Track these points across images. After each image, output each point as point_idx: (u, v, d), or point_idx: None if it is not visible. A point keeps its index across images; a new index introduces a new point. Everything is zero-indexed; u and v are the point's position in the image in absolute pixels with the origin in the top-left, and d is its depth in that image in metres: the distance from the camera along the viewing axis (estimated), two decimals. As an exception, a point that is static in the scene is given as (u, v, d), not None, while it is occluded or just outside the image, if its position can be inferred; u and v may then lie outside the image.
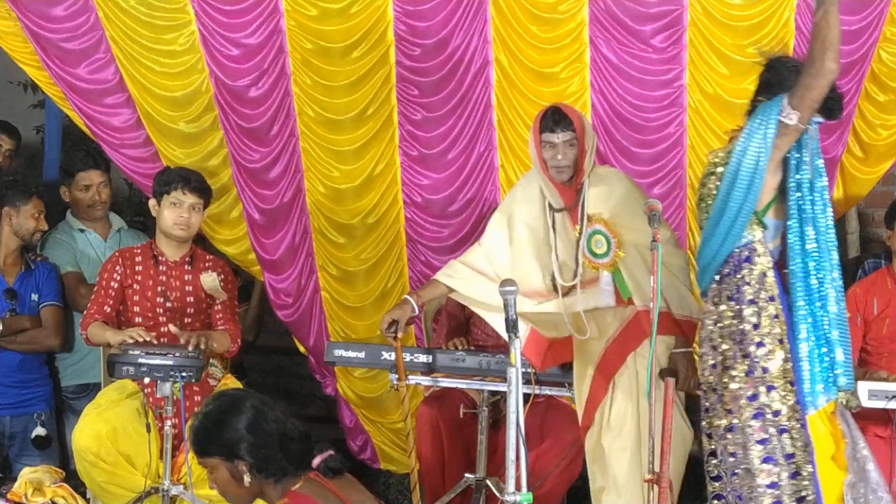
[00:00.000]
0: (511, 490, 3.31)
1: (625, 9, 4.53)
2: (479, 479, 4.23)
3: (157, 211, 4.53)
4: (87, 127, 5.03)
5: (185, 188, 4.48)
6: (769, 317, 3.49)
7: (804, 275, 3.45)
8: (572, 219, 4.03)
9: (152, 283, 4.50)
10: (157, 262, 4.53)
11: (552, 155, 3.96)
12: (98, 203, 5.16)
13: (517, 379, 3.29)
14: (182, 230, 4.50)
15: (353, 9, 4.68)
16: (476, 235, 4.99)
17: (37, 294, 4.96)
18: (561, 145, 3.95)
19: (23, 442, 4.94)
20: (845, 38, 4.38)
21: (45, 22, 4.82)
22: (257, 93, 4.85)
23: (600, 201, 4.00)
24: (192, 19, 4.77)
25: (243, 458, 2.96)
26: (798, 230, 3.46)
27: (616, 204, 4.00)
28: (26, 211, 4.95)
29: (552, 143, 3.95)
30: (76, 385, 5.09)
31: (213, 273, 4.57)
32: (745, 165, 3.45)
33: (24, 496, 4.31)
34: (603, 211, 4.00)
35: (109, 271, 4.51)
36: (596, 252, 4.00)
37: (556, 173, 3.98)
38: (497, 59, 4.75)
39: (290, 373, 6.17)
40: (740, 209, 3.48)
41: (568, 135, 3.93)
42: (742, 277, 3.53)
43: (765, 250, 3.52)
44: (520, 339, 3.32)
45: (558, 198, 4.03)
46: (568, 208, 4.02)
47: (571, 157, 3.96)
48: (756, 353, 3.49)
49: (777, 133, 3.41)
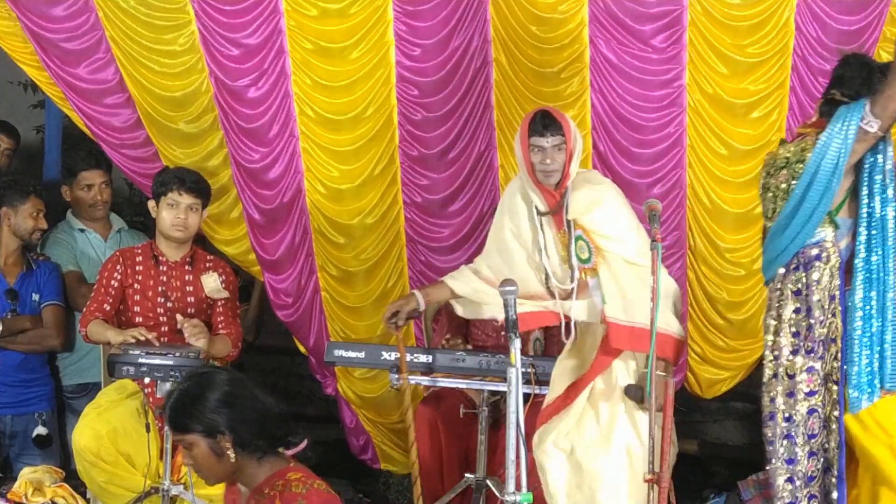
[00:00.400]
0: (511, 490, 3.31)
1: (625, 9, 4.53)
2: (479, 479, 4.23)
3: (156, 212, 4.54)
4: (87, 127, 5.03)
5: (182, 189, 4.48)
6: (829, 314, 3.54)
7: (867, 276, 3.52)
8: (557, 223, 4.00)
9: (153, 284, 4.50)
10: (158, 262, 4.53)
11: (541, 159, 3.91)
12: (99, 203, 5.17)
13: (517, 379, 3.30)
14: (179, 231, 4.50)
15: (353, 9, 4.68)
16: (476, 235, 5.00)
17: (38, 294, 4.96)
18: (550, 149, 3.91)
19: (23, 441, 4.94)
20: (845, 38, 4.41)
21: (45, 22, 4.82)
22: (257, 93, 4.85)
23: (580, 207, 3.95)
24: (192, 19, 4.77)
25: (224, 434, 2.96)
26: (866, 232, 3.53)
27: (595, 211, 3.94)
28: (24, 210, 4.96)
29: (541, 147, 3.91)
30: (76, 384, 5.10)
31: (213, 273, 4.57)
32: (824, 168, 3.50)
33: (24, 496, 4.31)
34: (581, 217, 3.94)
35: (110, 270, 4.51)
36: (581, 257, 3.97)
37: (544, 177, 3.93)
38: (497, 59, 4.75)
39: (290, 373, 6.17)
40: (815, 209, 3.54)
41: (557, 139, 3.90)
42: (808, 274, 3.58)
43: (834, 249, 3.58)
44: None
45: (543, 201, 3.99)
46: (552, 212, 3.99)
47: (560, 161, 3.91)
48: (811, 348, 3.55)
49: (856, 138, 3.47)
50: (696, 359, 5.00)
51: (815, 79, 4.49)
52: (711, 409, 5.87)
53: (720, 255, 4.81)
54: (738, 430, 5.86)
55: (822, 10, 4.40)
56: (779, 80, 4.54)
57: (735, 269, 4.82)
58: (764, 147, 4.62)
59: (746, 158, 4.66)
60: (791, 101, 4.56)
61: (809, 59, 4.47)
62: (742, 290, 4.84)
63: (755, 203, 4.71)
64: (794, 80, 4.53)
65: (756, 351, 4.95)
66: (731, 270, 4.82)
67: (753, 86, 4.56)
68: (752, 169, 4.66)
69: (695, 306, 4.93)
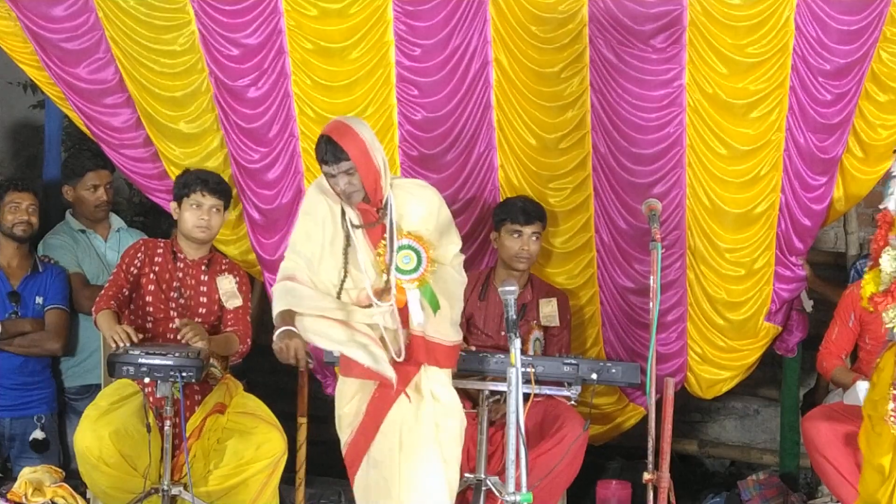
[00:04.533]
0: (511, 490, 3.31)
1: (625, 9, 4.53)
2: (479, 479, 4.23)
3: (178, 213, 4.55)
4: (87, 127, 5.03)
5: (205, 190, 4.50)
6: None
7: None
8: (372, 237, 3.88)
9: (168, 277, 4.52)
10: (176, 258, 4.55)
11: (335, 183, 3.81)
12: (103, 204, 5.17)
13: (517, 379, 3.30)
14: (203, 232, 4.52)
15: (353, 9, 4.68)
16: (476, 235, 5.00)
17: (42, 297, 4.95)
18: (339, 175, 3.79)
19: (22, 444, 4.94)
20: (845, 38, 4.40)
21: (45, 22, 4.82)
22: (257, 93, 4.85)
23: (408, 214, 3.89)
24: (192, 19, 4.77)
25: None
26: None
27: (420, 218, 3.90)
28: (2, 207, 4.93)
29: (332, 175, 3.80)
30: (79, 386, 5.09)
31: (229, 276, 4.61)
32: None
33: (24, 496, 4.32)
34: (410, 224, 3.89)
35: (131, 256, 4.54)
36: (403, 269, 3.85)
37: (346, 199, 3.83)
38: (497, 59, 4.75)
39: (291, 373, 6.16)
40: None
41: (344, 164, 3.77)
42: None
43: None
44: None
45: (358, 216, 3.87)
46: (368, 225, 3.88)
47: (357, 183, 3.79)
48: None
49: None
50: (696, 359, 5.00)
51: (815, 79, 4.48)
52: (711, 409, 5.87)
53: (720, 255, 4.81)
54: (738, 430, 5.86)
55: (822, 9, 4.39)
56: (778, 79, 4.53)
57: (735, 269, 4.82)
58: (763, 147, 4.62)
59: (746, 158, 4.66)
60: (791, 101, 4.55)
61: (809, 58, 4.46)
62: (742, 290, 4.83)
63: (755, 203, 4.73)
64: (794, 79, 4.52)
65: (756, 351, 4.96)
66: (730, 270, 4.82)
67: (753, 85, 4.55)
68: (751, 169, 4.67)
69: (695, 306, 4.93)
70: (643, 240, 4.54)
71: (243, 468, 4.25)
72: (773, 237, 4.76)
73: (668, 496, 3.42)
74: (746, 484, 4.99)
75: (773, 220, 4.74)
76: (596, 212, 4.91)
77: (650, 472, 3.45)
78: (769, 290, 4.83)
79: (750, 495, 4.94)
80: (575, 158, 4.83)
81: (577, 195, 4.89)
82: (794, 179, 4.66)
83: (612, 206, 4.83)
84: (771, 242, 4.77)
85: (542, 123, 4.78)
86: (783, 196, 4.70)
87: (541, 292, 4.80)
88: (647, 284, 3.90)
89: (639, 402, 5.10)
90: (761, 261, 4.79)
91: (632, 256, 4.88)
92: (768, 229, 4.75)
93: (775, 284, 4.81)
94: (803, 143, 4.59)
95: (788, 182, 4.68)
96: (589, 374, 4.23)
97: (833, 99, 4.49)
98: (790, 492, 4.92)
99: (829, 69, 4.45)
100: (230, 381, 4.52)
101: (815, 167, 4.63)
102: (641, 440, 3.92)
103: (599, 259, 4.98)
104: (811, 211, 4.67)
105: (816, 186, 4.65)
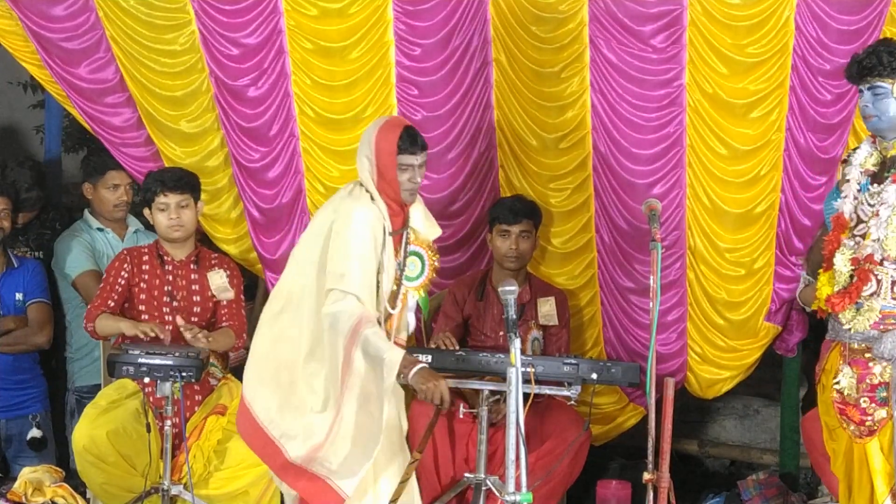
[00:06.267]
0: (511, 490, 3.31)
1: (625, 9, 4.53)
2: (479, 479, 4.23)
3: (152, 218, 4.54)
4: (89, 126, 5.04)
5: (165, 190, 4.48)
6: None
7: None
8: (395, 243, 3.95)
9: (159, 283, 4.51)
10: (163, 262, 4.54)
11: (409, 177, 3.88)
12: (123, 203, 5.17)
13: (517, 379, 3.30)
14: (177, 231, 4.50)
15: (353, 9, 4.68)
16: (476, 235, 5.00)
17: (21, 293, 4.94)
18: (416, 168, 3.88)
19: (19, 444, 4.95)
20: (845, 38, 4.40)
21: (46, 21, 4.83)
22: (257, 93, 4.86)
23: (419, 221, 4.02)
24: (192, 19, 4.78)
25: None
26: None
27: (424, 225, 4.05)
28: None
29: (410, 165, 3.87)
30: (91, 385, 5.05)
31: (220, 270, 4.58)
32: None
33: (24, 496, 4.31)
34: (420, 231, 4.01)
35: (117, 268, 4.52)
36: (409, 276, 3.97)
37: (409, 196, 3.91)
38: (497, 59, 4.75)
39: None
40: None
41: (422, 157, 3.89)
42: None
43: None
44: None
45: (390, 223, 3.93)
46: (395, 233, 3.95)
47: (419, 179, 3.92)
48: None
49: None
50: (696, 359, 5.00)
51: (815, 78, 4.48)
52: (711, 408, 5.87)
53: (720, 255, 4.81)
54: (738, 429, 5.86)
55: (822, 9, 4.39)
56: (778, 79, 4.53)
57: (735, 268, 4.81)
58: (763, 147, 4.62)
59: (746, 158, 4.66)
60: (791, 101, 4.55)
61: (809, 58, 4.46)
62: (742, 289, 4.83)
63: (755, 203, 4.73)
64: (794, 79, 4.52)
65: (756, 351, 4.96)
66: (730, 270, 4.82)
67: (753, 85, 4.55)
68: (751, 168, 4.67)
69: (695, 306, 4.93)
70: (643, 240, 4.54)
71: (245, 471, 4.25)
72: (773, 237, 4.76)
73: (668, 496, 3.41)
74: (746, 484, 4.99)
75: (773, 220, 4.74)
76: (596, 212, 4.91)
77: (650, 471, 3.44)
78: (769, 290, 4.83)
79: (750, 495, 4.93)
80: (575, 159, 4.83)
81: (578, 195, 4.90)
82: (794, 179, 4.66)
83: (613, 206, 4.83)
84: (771, 242, 4.77)
85: (542, 123, 4.79)
86: (783, 196, 4.70)
87: (539, 292, 4.80)
88: (648, 284, 3.89)
89: (639, 402, 5.10)
90: (761, 261, 4.79)
91: (632, 256, 4.88)
92: (768, 229, 4.75)
93: (775, 284, 4.81)
94: (803, 142, 4.59)
95: (788, 182, 4.68)
96: (589, 373, 4.23)
97: (833, 99, 4.49)
98: (790, 492, 4.92)
99: (829, 69, 4.44)
100: (231, 383, 4.51)
101: (815, 167, 4.62)
102: (641, 440, 3.91)
103: (600, 259, 4.98)
104: (811, 211, 4.66)
105: (816, 186, 4.64)
